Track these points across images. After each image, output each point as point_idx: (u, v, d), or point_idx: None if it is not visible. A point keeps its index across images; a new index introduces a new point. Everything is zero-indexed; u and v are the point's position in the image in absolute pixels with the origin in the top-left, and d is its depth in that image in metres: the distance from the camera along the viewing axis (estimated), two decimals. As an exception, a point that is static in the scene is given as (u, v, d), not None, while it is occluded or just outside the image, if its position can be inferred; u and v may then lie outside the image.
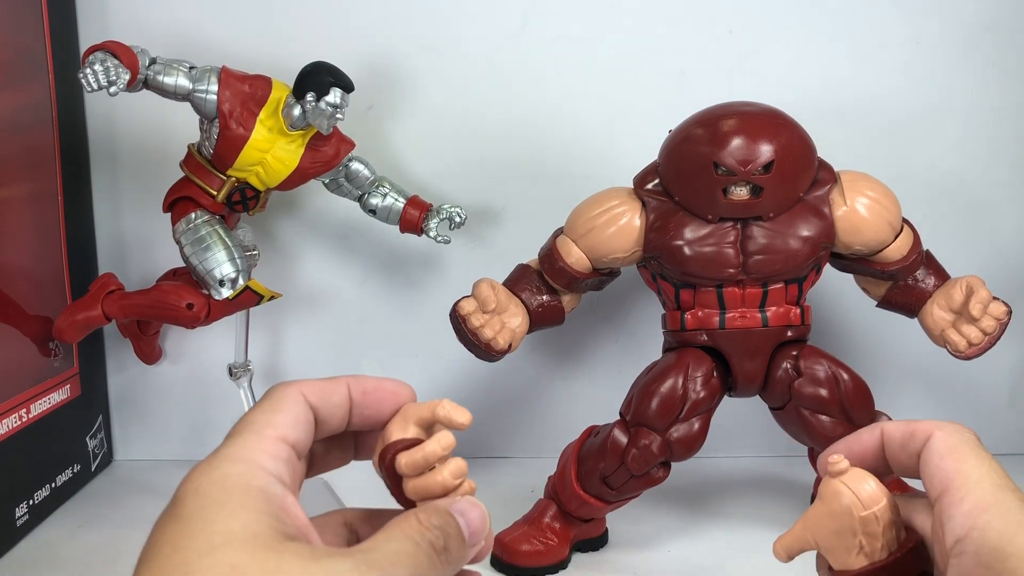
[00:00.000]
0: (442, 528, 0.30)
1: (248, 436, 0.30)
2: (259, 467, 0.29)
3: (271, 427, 0.31)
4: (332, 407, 0.33)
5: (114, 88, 0.56)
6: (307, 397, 0.32)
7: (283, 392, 0.32)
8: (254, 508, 0.27)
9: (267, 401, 0.32)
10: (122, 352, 0.77)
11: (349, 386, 0.33)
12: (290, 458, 0.30)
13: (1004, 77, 0.72)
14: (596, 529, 0.62)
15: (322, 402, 0.33)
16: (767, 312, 0.57)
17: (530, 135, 0.73)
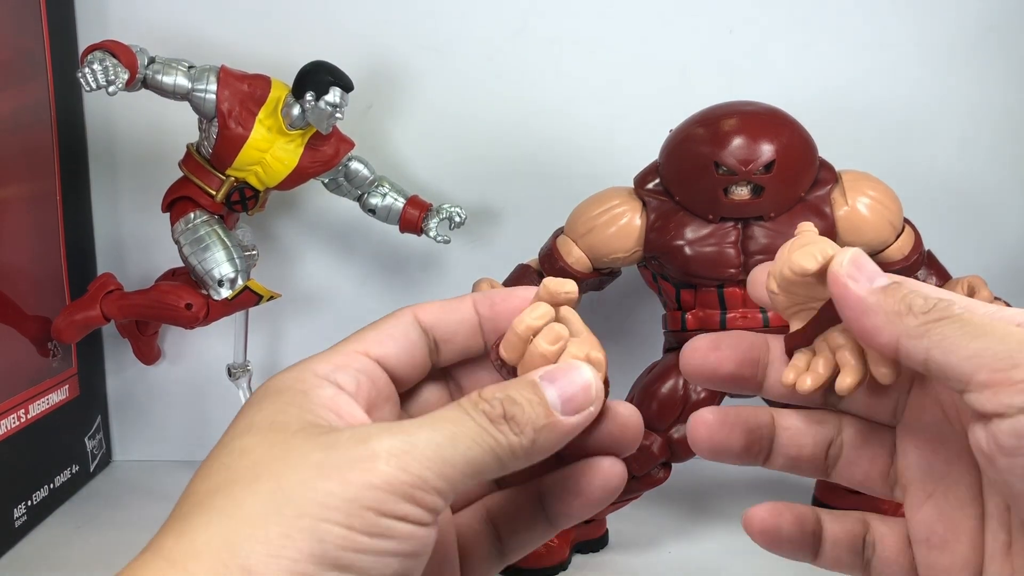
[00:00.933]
0: (506, 397, 0.27)
1: (328, 351, 0.30)
2: (312, 372, 0.28)
3: (355, 342, 0.30)
4: (454, 324, 0.31)
5: (113, 87, 0.56)
6: (419, 316, 0.31)
7: (393, 313, 0.31)
8: (284, 402, 0.27)
9: (371, 324, 0.31)
10: (121, 352, 0.77)
11: (475, 302, 0.32)
12: (367, 368, 0.29)
13: (1006, 77, 0.72)
14: (596, 530, 0.61)
15: (439, 320, 0.31)
16: (768, 312, 0.57)
17: (530, 135, 0.73)
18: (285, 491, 0.24)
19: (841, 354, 0.30)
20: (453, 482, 0.26)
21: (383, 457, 0.25)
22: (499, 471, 0.27)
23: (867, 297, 0.28)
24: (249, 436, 0.26)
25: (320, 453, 0.25)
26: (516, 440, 0.27)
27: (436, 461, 0.25)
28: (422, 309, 0.31)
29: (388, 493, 0.25)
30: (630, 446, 0.31)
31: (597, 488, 0.31)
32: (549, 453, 0.28)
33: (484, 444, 0.26)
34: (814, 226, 0.32)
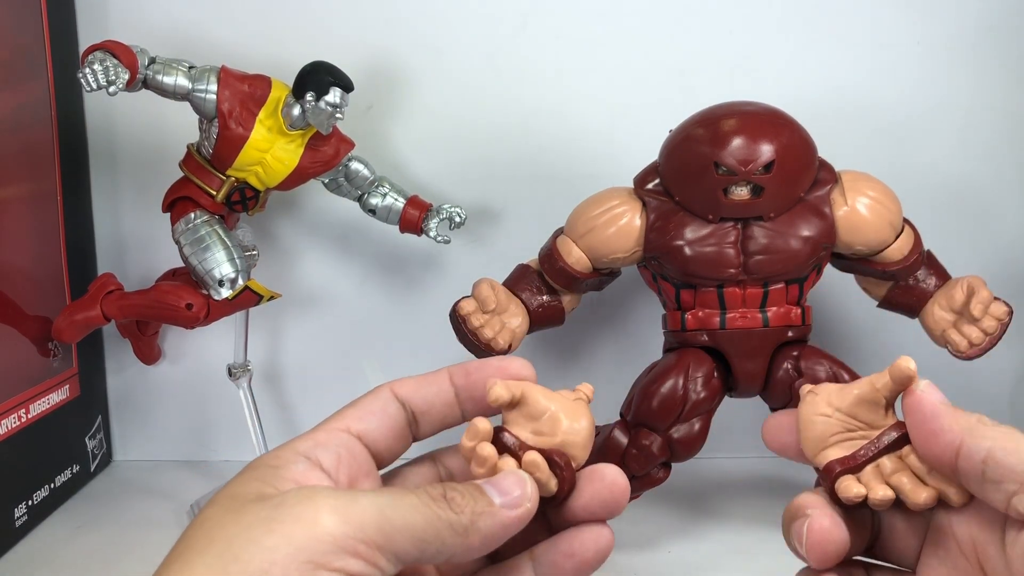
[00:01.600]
0: (448, 487, 0.29)
1: (312, 429, 0.31)
2: (290, 450, 0.30)
3: (335, 419, 0.32)
4: (430, 396, 0.33)
5: (113, 88, 0.56)
6: (396, 391, 0.33)
7: (372, 390, 0.33)
8: (251, 477, 0.28)
9: (353, 400, 0.33)
10: (121, 352, 0.77)
11: (450, 374, 0.33)
12: (347, 443, 0.31)
13: (1006, 77, 0.72)
14: (596, 530, 0.61)
15: (415, 393, 0.33)
16: (768, 312, 0.57)
17: (530, 135, 0.73)
18: (233, 550, 0.25)
19: (898, 478, 0.32)
20: (393, 542, 0.27)
21: (325, 510, 0.26)
22: (440, 546, 0.28)
23: (939, 404, 0.30)
24: (211, 508, 0.28)
25: (267, 512, 0.26)
26: (455, 517, 0.28)
27: (378, 519, 0.27)
28: (399, 384, 0.33)
29: (330, 546, 0.26)
30: (619, 506, 0.32)
31: (591, 551, 0.32)
32: (494, 541, 0.29)
33: (424, 513, 0.28)
34: None
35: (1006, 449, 0.28)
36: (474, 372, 0.33)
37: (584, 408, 0.33)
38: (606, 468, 0.32)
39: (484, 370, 0.33)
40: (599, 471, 0.32)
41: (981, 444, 0.28)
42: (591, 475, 0.32)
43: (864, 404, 0.32)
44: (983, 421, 0.29)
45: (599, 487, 0.32)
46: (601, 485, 0.32)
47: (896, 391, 0.32)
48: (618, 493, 0.32)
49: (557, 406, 0.32)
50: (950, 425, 0.30)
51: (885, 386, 0.32)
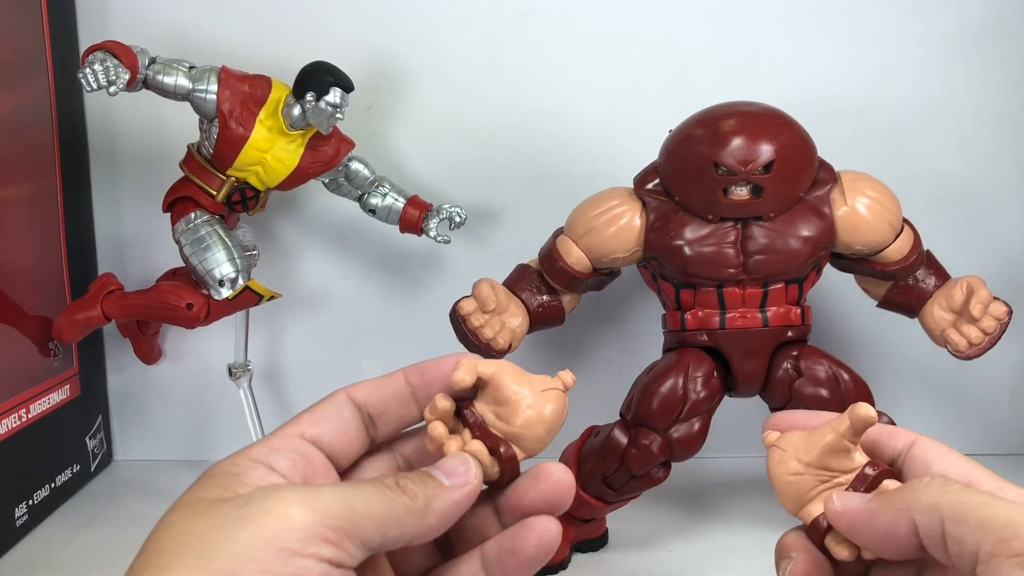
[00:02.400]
0: (400, 476, 0.30)
1: (265, 437, 0.32)
2: (245, 457, 0.31)
3: (289, 425, 0.32)
4: (385, 397, 0.33)
5: (114, 88, 0.56)
6: (351, 395, 0.33)
7: (328, 396, 0.33)
8: (211, 484, 0.29)
9: (309, 406, 0.33)
10: (122, 352, 0.77)
11: (406, 373, 0.34)
12: (301, 448, 0.31)
13: (1005, 77, 0.72)
14: (596, 529, 0.62)
15: (370, 395, 0.33)
16: (767, 312, 0.57)
17: (530, 135, 0.73)
18: (208, 549, 0.26)
19: None
20: (359, 528, 0.28)
21: (293, 502, 0.27)
22: (400, 529, 0.29)
23: (867, 506, 0.30)
24: (174, 513, 0.28)
25: (236, 511, 0.27)
26: (411, 502, 0.29)
27: (343, 507, 0.28)
28: (354, 388, 0.34)
29: (302, 533, 0.27)
30: (564, 503, 0.33)
31: (532, 546, 0.32)
32: (448, 518, 0.30)
33: (383, 499, 0.29)
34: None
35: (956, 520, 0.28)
36: (429, 371, 0.34)
37: (554, 397, 0.33)
38: (552, 466, 0.33)
39: (439, 369, 0.34)
40: (545, 469, 0.33)
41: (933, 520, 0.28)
42: (537, 473, 0.33)
43: (832, 454, 0.32)
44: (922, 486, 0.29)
45: (544, 485, 0.32)
46: (547, 484, 0.32)
47: (859, 435, 0.32)
48: (563, 491, 0.33)
49: (525, 393, 0.33)
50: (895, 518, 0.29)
51: (847, 431, 0.32)
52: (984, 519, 0.27)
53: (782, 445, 0.34)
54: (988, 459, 0.76)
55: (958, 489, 0.29)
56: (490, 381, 0.33)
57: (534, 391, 0.33)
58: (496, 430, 0.33)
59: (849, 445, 0.32)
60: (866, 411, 0.31)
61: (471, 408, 0.33)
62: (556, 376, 0.34)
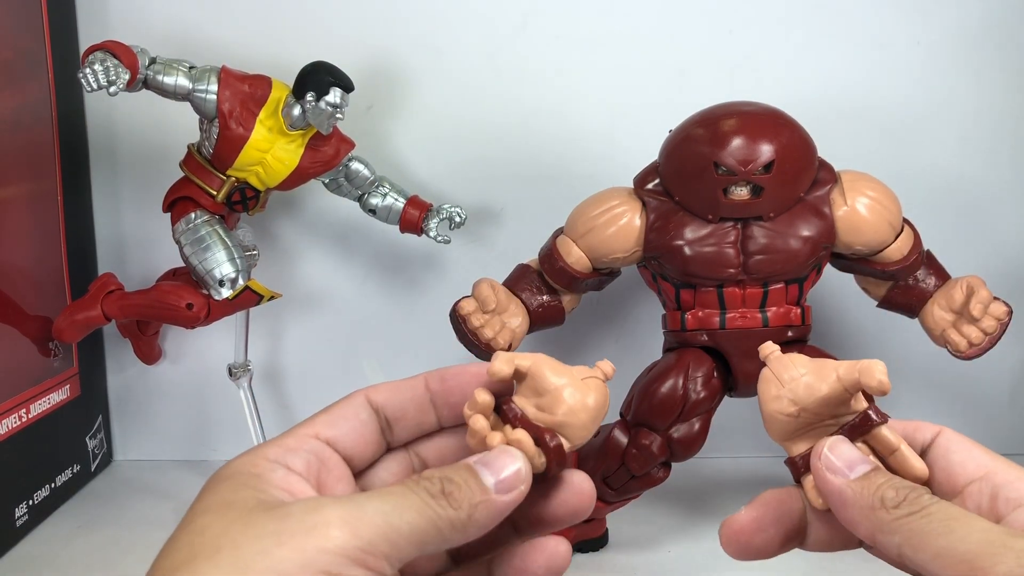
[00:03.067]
0: (444, 476, 0.29)
1: (280, 436, 0.31)
2: (263, 458, 0.29)
3: (306, 425, 0.31)
4: (404, 401, 0.32)
5: (114, 88, 0.56)
6: (370, 397, 0.32)
7: (346, 396, 0.32)
8: (238, 484, 0.28)
9: (327, 406, 0.32)
10: (122, 352, 0.77)
11: (427, 379, 0.33)
12: (316, 450, 0.31)
13: (1005, 77, 0.72)
14: (596, 529, 0.62)
15: (389, 399, 0.32)
16: (767, 312, 0.57)
17: (530, 135, 0.73)
18: (244, 560, 0.26)
19: None
20: (399, 549, 0.27)
21: (335, 524, 0.26)
22: (440, 543, 0.28)
23: (844, 489, 0.30)
24: (207, 515, 0.27)
25: (275, 523, 0.26)
26: (454, 514, 0.28)
27: (384, 527, 0.27)
28: (373, 390, 0.33)
29: (340, 557, 0.26)
30: (584, 512, 0.32)
31: (541, 567, 0.32)
32: (488, 527, 0.29)
33: (426, 515, 0.28)
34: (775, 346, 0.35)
35: (914, 547, 0.28)
36: (450, 378, 0.33)
37: (596, 386, 0.33)
38: (574, 474, 0.33)
39: (461, 376, 0.33)
40: (566, 476, 0.32)
41: (892, 541, 0.28)
42: (558, 480, 0.32)
43: (832, 402, 0.32)
44: (889, 504, 0.29)
45: (566, 494, 0.32)
46: (568, 492, 0.32)
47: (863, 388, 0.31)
48: (584, 499, 0.32)
49: (565, 383, 0.32)
50: (860, 518, 0.29)
51: (853, 386, 0.31)
52: (940, 550, 0.27)
53: (779, 374, 0.33)
54: (988, 459, 0.75)
55: (922, 514, 0.28)
56: (528, 373, 0.32)
57: (574, 380, 0.33)
58: (539, 422, 0.32)
59: (849, 395, 0.31)
60: (880, 377, 0.30)
61: (510, 403, 0.32)
62: (595, 366, 0.33)
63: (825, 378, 0.32)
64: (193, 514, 0.28)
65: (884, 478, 0.30)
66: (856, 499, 0.30)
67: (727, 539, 0.33)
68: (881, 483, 0.30)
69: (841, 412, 0.32)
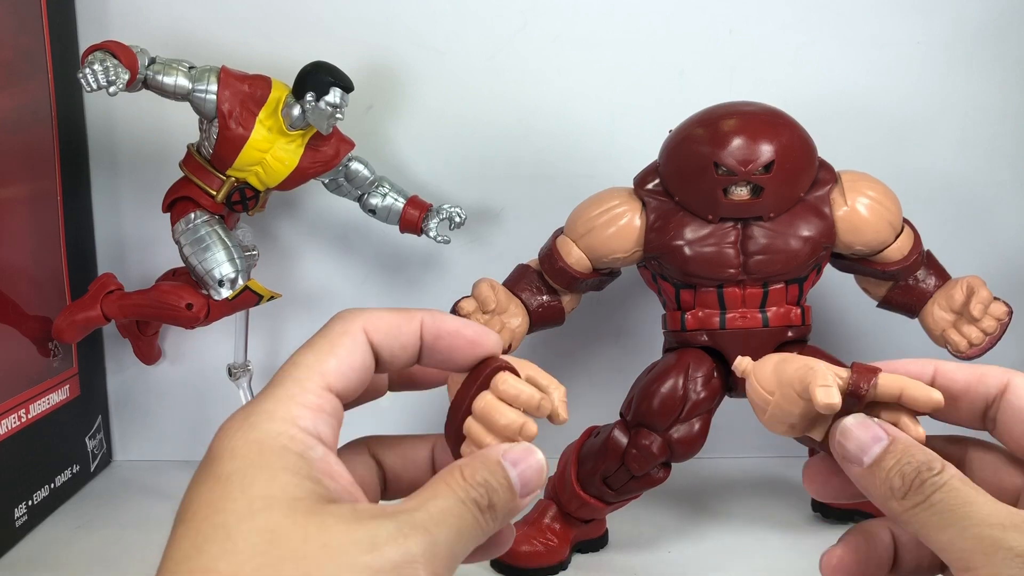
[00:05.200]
0: (487, 484, 0.28)
1: (291, 386, 0.28)
2: (298, 428, 0.27)
3: (320, 375, 0.29)
4: (398, 348, 0.31)
5: (113, 88, 0.56)
6: (371, 336, 0.30)
7: (344, 328, 0.30)
8: (295, 471, 0.26)
9: (324, 339, 0.30)
10: (121, 352, 0.77)
11: (423, 324, 0.31)
12: (335, 410, 0.29)
13: (1005, 77, 0.72)
14: (596, 530, 0.62)
15: (387, 342, 0.30)
16: (767, 312, 0.57)
17: (530, 135, 0.73)
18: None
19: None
20: (453, 571, 0.27)
21: (420, 562, 0.26)
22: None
23: (861, 480, 0.31)
24: (274, 514, 0.26)
25: (365, 556, 0.25)
26: (493, 526, 0.28)
27: (450, 559, 0.27)
28: (373, 323, 0.30)
29: None
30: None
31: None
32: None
33: (477, 536, 0.28)
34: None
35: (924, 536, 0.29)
36: (447, 337, 0.31)
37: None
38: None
39: (455, 339, 0.31)
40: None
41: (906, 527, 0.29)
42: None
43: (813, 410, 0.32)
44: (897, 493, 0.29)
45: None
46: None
47: None
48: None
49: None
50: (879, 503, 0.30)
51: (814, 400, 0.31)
52: (942, 546, 0.28)
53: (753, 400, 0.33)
54: (988, 459, 0.75)
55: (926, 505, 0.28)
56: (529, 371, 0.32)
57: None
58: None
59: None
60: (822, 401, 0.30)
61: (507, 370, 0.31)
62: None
63: (792, 401, 0.32)
64: (250, 503, 0.26)
65: (893, 460, 0.29)
66: (871, 490, 0.30)
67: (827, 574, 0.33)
68: (891, 468, 0.29)
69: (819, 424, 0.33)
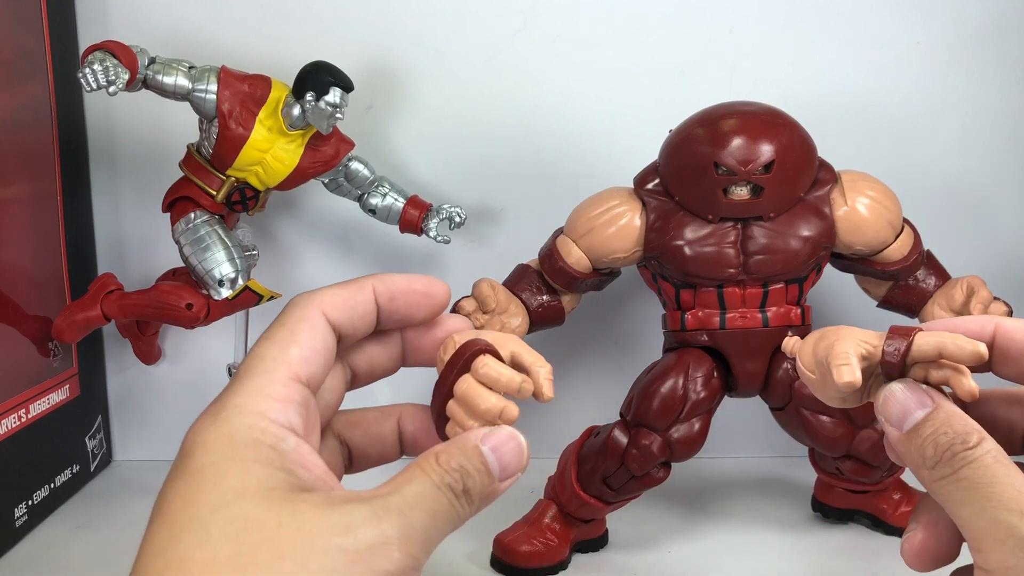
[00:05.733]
0: (462, 469, 0.28)
1: (258, 378, 0.29)
2: (268, 420, 0.28)
3: (284, 365, 0.29)
4: (356, 319, 0.31)
5: (113, 88, 0.56)
6: (328, 316, 0.31)
7: (300, 314, 0.30)
8: (267, 463, 0.27)
9: (282, 328, 0.30)
10: (121, 352, 0.77)
11: (375, 291, 0.32)
12: (304, 399, 0.29)
13: (1005, 77, 0.72)
14: (596, 530, 0.62)
15: (345, 317, 0.31)
16: (767, 312, 0.57)
17: (530, 135, 0.73)
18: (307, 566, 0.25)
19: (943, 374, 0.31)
20: (431, 551, 0.28)
21: (395, 543, 0.26)
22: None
23: (898, 447, 0.31)
24: (247, 503, 0.26)
25: (339, 537, 0.26)
26: (469, 510, 0.29)
27: (426, 542, 0.27)
28: (328, 302, 0.31)
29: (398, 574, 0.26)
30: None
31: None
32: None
33: (452, 520, 0.28)
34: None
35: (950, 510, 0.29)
36: (399, 297, 0.32)
37: None
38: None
39: (408, 297, 0.32)
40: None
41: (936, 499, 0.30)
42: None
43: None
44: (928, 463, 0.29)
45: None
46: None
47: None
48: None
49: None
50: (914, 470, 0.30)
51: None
52: (963, 522, 0.28)
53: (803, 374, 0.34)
54: (988, 459, 0.75)
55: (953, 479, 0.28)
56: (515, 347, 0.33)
57: None
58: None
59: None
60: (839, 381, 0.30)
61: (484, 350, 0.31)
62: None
63: (828, 380, 0.32)
64: (224, 494, 0.26)
65: (931, 428, 0.29)
66: (905, 456, 0.30)
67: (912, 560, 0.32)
68: (927, 436, 0.29)
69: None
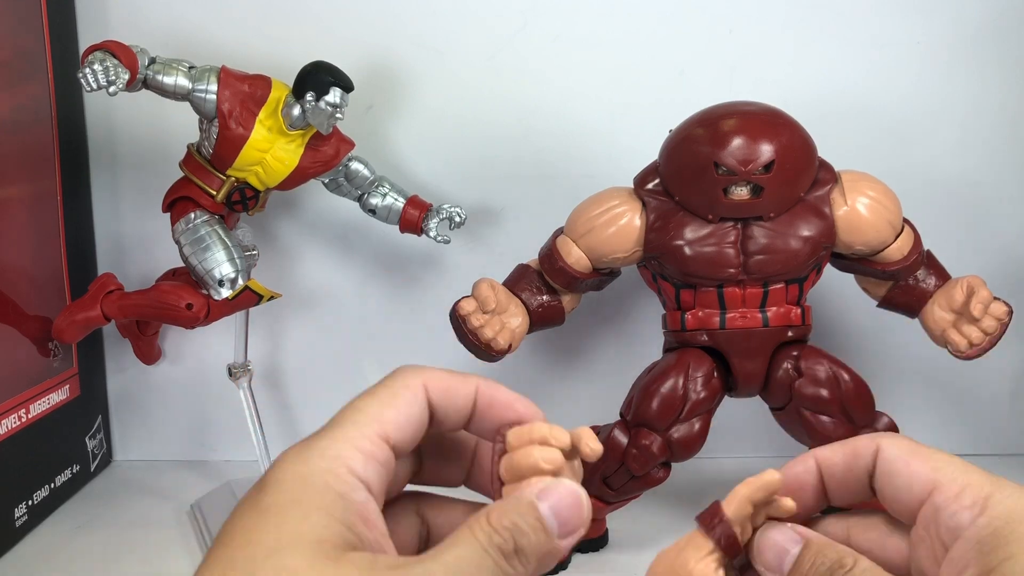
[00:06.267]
0: (514, 528, 0.27)
1: (349, 428, 0.29)
2: (346, 468, 0.28)
3: (377, 423, 0.29)
4: (453, 410, 0.31)
5: (113, 88, 0.56)
6: (430, 393, 0.31)
7: (405, 382, 0.30)
8: (328, 512, 0.27)
9: (385, 389, 0.30)
10: (121, 352, 0.77)
11: (478, 391, 0.31)
12: (387, 460, 0.29)
13: (1005, 77, 0.72)
14: (596, 529, 0.62)
15: (444, 402, 0.31)
16: (768, 312, 0.57)
17: (530, 135, 0.73)
18: None
19: None
20: None
21: None
22: None
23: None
24: (296, 554, 0.26)
25: None
26: (522, 571, 0.28)
27: None
28: (433, 381, 0.31)
29: None
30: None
31: None
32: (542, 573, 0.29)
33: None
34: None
35: None
36: (498, 407, 0.31)
37: None
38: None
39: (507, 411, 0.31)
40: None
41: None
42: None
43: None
44: None
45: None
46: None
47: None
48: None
49: None
50: None
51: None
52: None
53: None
54: (988, 459, 0.76)
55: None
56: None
57: None
58: None
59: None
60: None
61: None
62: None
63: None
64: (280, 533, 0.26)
65: (809, 562, 0.31)
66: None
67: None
68: (807, 570, 0.31)
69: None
